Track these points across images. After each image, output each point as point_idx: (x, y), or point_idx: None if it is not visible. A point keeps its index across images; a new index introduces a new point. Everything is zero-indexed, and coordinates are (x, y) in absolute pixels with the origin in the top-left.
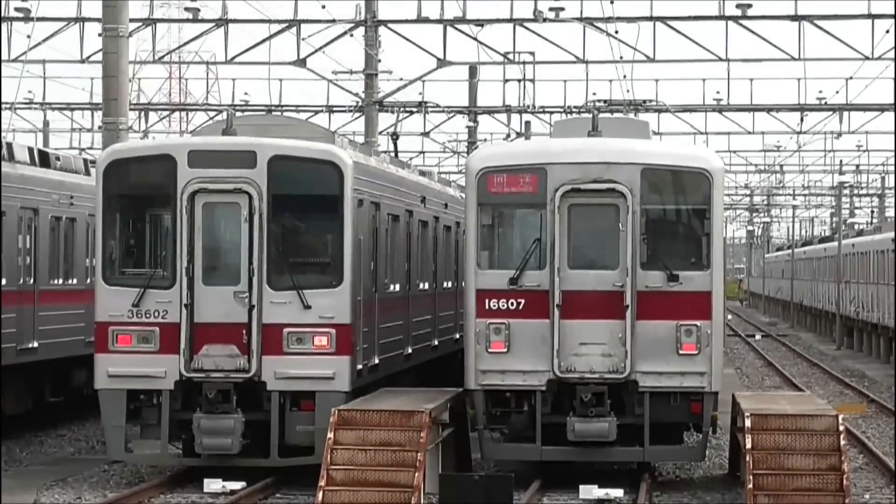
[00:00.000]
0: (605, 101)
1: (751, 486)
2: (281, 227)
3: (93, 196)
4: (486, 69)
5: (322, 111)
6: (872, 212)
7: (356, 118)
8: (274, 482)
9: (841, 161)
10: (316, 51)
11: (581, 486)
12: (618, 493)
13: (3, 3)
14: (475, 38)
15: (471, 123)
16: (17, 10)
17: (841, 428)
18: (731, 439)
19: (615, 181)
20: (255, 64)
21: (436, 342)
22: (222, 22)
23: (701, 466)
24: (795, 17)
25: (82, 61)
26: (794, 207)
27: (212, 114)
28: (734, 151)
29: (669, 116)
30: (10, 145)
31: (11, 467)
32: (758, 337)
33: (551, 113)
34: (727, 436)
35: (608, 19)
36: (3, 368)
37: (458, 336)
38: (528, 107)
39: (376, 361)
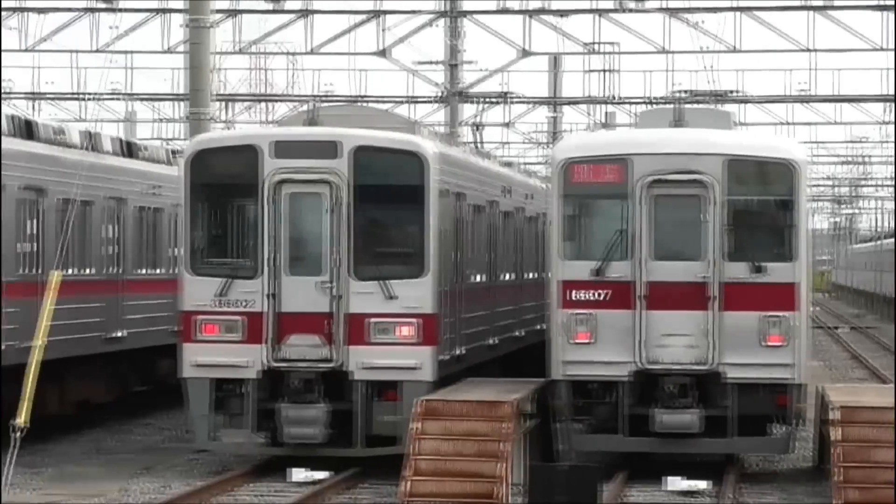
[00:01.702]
0: (688, 92)
1: (838, 478)
2: (364, 218)
3: (177, 186)
4: (569, 59)
5: (404, 102)
6: None
7: (438, 109)
8: (359, 472)
9: None
10: (398, 41)
11: (666, 478)
12: (703, 485)
13: None
14: (558, 29)
15: (553, 114)
16: (103, 0)
17: None
18: (818, 432)
19: (699, 172)
20: (338, 55)
21: (520, 332)
22: (305, 13)
23: (787, 459)
24: (880, 7)
25: (166, 52)
26: (880, 199)
27: (294, 104)
28: (819, 142)
29: (753, 107)
30: (96, 135)
31: (101, 456)
32: (844, 329)
33: (634, 104)
34: (813, 428)
35: (692, 10)
36: (85, 359)
37: (541, 326)
38: (611, 97)
39: (460, 352)
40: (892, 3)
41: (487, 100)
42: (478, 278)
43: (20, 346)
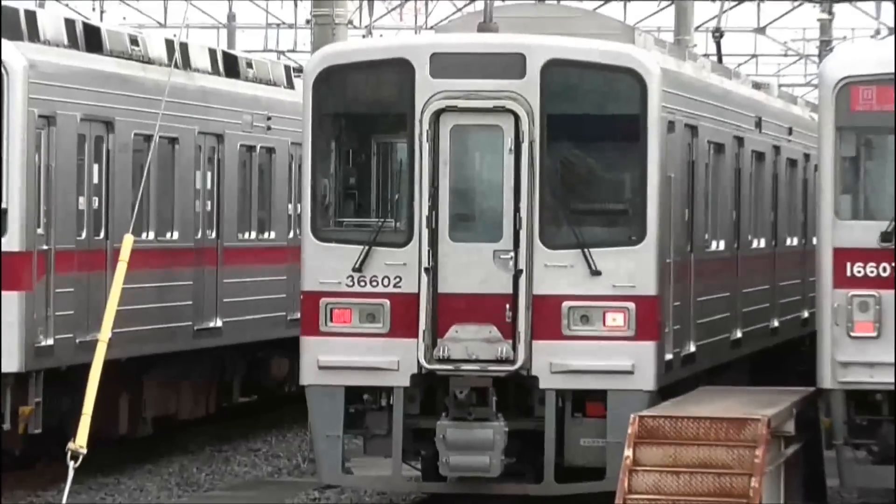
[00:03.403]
0: None
1: None
2: (559, 161)
3: (298, 117)
4: None
5: None
6: None
7: (662, 8)
8: None
9: None
10: None
11: None
12: None
13: None
14: None
15: (824, 15)
16: None
17: None
18: None
19: None
20: None
21: (775, 322)
22: None
23: None
24: None
25: None
26: None
27: (459, 3)
28: None
29: None
30: (184, 47)
31: (188, 492)
32: None
33: None
34: None
35: None
36: (168, 358)
37: (806, 314)
38: None
39: (692, 349)
40: None
41: None
42: (717, 246)
43: (80, 340)
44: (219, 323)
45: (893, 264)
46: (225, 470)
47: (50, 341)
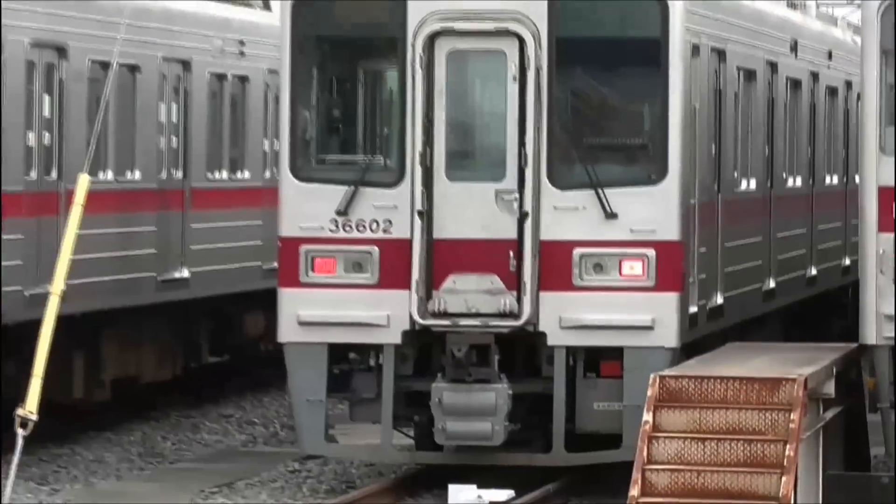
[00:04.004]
0: None
1: None
2: (570, 91)
3: (275, 42)
4: None
5: None
6: None
7: None
8: (559, 490)
9: None
10: None
11: None
12: None
13: None
14: None
15: None
16: None
17: None
18: None
19: None
20: None
21: (813, 271)
22: None
23: None
24: None
25: None
26: None
27: None
28: None
29: None
30: None
31: (152, 464)
32: None
33: None
34: None
35: None
36: (129, 314)
37: (848, 261)
38: None
39: (719, 301)
40: None
41: None
42: (747, 185)
43: (29, 293)
44: (185, 273)
45: None
46: (193, 439)
47: None
